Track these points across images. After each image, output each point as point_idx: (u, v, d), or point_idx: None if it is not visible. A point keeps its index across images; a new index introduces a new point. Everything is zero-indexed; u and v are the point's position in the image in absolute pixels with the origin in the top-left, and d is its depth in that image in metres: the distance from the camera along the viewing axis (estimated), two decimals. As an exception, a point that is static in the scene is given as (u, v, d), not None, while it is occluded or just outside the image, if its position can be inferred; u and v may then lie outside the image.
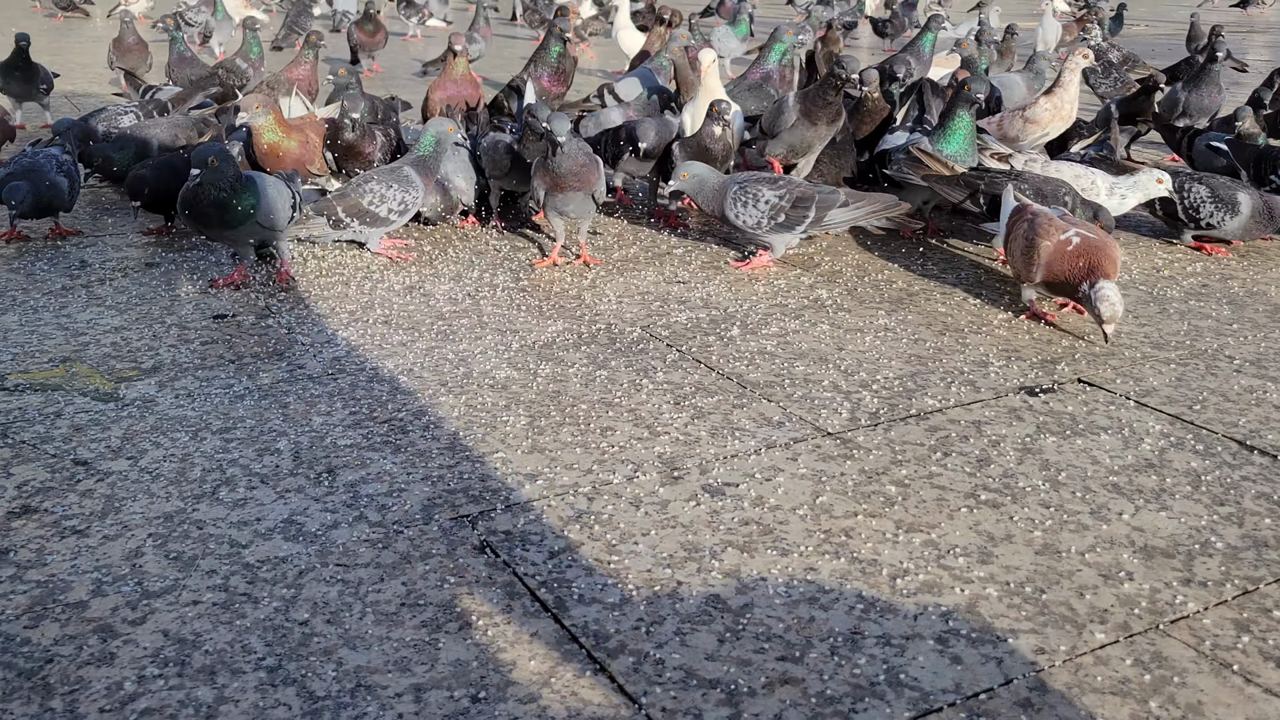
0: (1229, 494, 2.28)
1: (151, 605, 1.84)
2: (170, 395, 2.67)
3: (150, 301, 3.34)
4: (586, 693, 1.66)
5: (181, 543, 2.03)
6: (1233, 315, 3.37)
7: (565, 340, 3.08)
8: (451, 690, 1.65)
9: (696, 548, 2.05)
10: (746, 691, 1.66)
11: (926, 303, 3.44)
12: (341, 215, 3.72)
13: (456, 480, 2.28)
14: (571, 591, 1.90)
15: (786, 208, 3.61)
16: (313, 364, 2.88)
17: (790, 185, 3.69)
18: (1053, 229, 3.20)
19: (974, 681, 1.69)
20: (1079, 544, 2.08)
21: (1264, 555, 2.05)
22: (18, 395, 2.66)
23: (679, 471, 2.34)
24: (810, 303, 3.42)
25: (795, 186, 3.69)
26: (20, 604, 1.84)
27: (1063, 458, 2.43)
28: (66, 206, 3.94)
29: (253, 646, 1.74)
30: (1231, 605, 1.90)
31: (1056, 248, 3.15)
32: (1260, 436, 2.54)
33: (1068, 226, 3.21)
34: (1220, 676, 1.72)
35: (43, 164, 3.86)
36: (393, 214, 3.77)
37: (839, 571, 1.98)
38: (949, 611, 1.87)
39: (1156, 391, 2.80)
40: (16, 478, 2.27)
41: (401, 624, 1.81)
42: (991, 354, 3.02)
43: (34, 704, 1.61)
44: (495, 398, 2.69)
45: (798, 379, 2.83)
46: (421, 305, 3.35)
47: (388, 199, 3.74)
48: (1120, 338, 3.16)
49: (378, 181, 3.77)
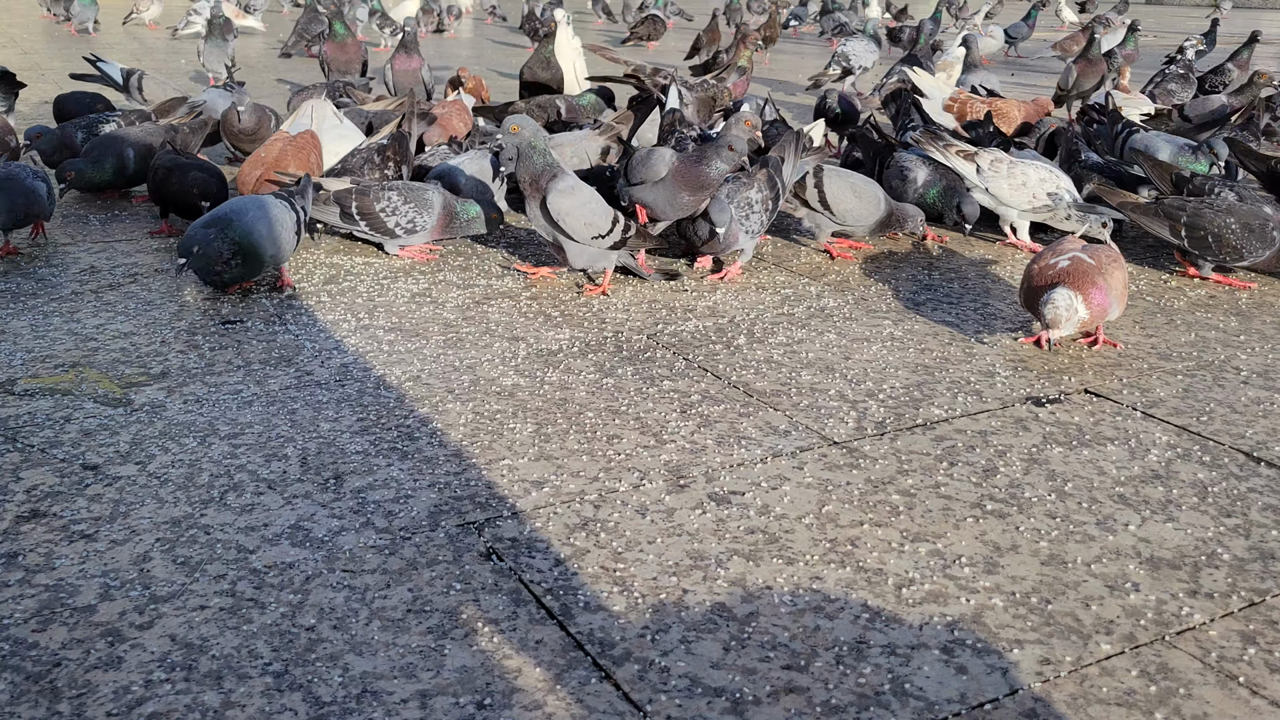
0: (1236, 505, 2.28)
1: (159, 610, 1.85)
2: (179, 401, 2.68)
3: (159, 307, 3.35)
4: (591, 700, 1.66)
5: (189, 547, 2.04)
6: (1240, 326, 3.37)
7: (572, 348, 3.08)
8: (457, 697, 1.66)
9: (702, 556, 2.05)
10: (752, 700, 1.66)
11: (933, 312, 3.44)
12: (354, 211, 3.75)
13: (463, 487, 2.29)
14: (577, 599, 1.91)
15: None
16: (321, 370, 2.88)
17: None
18: (1048, 253, 3.12)
19: (979, 692, 1.69)
20: (1085, 555, 2.08)
21: (1270, 567, 2.05)
22: (27, 400, 2.67)
23: (685, 480, 2.34)
24: (817, 312, 3.43)
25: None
26: (29, 608, 1.85)
27: (1069, 468, 2.43)
28: (46, 214, 3.88)
29: (259, 651, 1.75)
30: (1238, 617, 1.90)
31: (1040, 270, 3.06)
32: (1268, 448, 2.54)
33: (1068, 250, 3.10)
34: (1226, 688, 1.72)
35: (16, 172, 3.77)
36: (399, 229, 3.79)
37: (844, 581, 1.98)
38: (954, 621, 1.87)
39: (1163, 402, 2.79)
40: (26, 482, 2.28)
41: (407, 630, 1.81)
42: (998, 364, 3.02)
43: (42, 707, 1.62)
44: (502, 405, 2.70)
45: (804, 388, 2.84)
46: (429, 312, 3.36)
47: (399, 212, 3.77)
48: (1127, 348, 3.15)
49: (399, 192, 3.79)
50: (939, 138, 4.24)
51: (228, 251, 3.27)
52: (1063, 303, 2.92)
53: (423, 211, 3.79)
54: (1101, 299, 2.98)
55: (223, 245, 3.27)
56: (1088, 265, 3.01)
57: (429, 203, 3.81)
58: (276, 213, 3.43)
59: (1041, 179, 4.04)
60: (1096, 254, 3.08)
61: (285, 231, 3.44)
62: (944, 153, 4.14)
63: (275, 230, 3.40)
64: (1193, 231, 3.70)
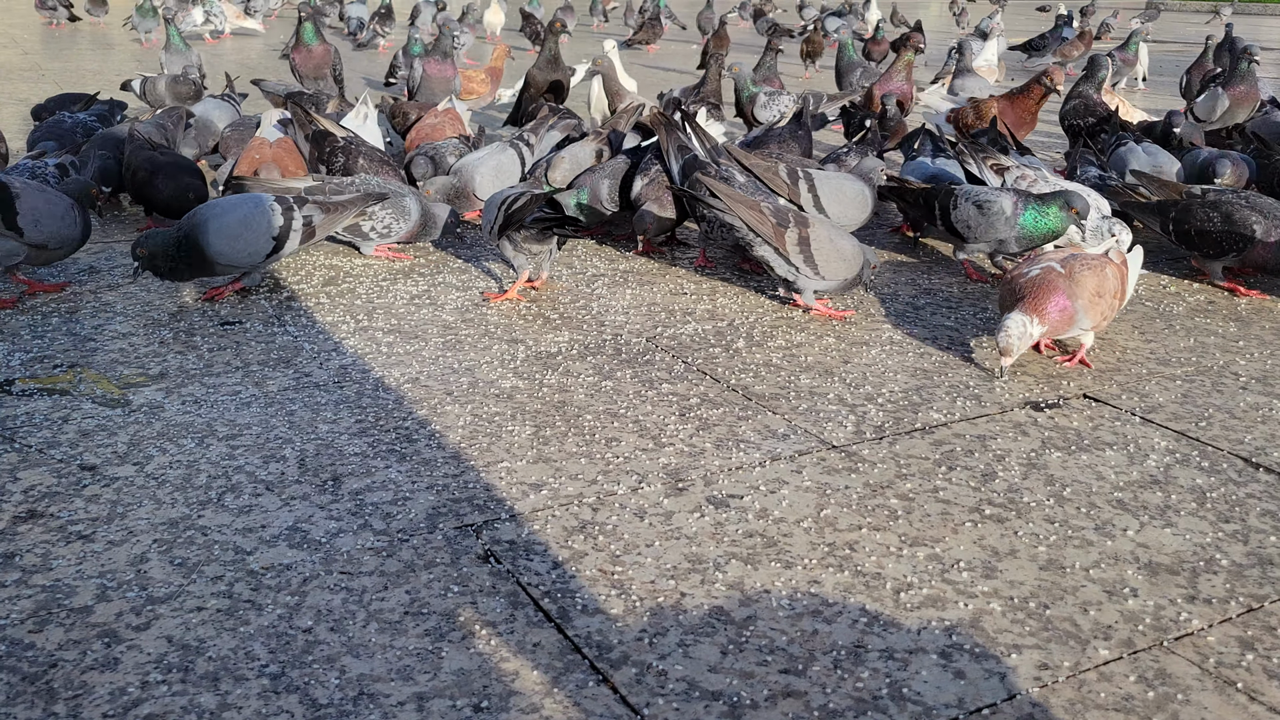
0: (1234, 511, 2.28)
1: (156, 611, 1.85)
2: (177, 401, 2.68)
3: (158, 308, 3.35)
4: (589, 703, 1.66)
5: (186, 549, 2.04)
6: (1239, 332, 3.37)
7: (571, 350, 3.08)
8: (454, 700, 1.66)
9: (700, 559, 2.05)
10: (749, 704, 1.66)
11: (933, 316, 3.44)
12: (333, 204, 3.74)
13: (461, 489, 2.29)
14: (575, 602, 1.90)
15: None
16: (319, 372, 2.88)
17: None
18: (1025, 263, 3.05)
19: (977, 696, 1.69)
20: (1083, 560, 2.08)
21: (1269, 573, 2.05)
22: (25, 400, 2.67)
23: (683, 483, 2.34)
24: (816, 315, 3.43)
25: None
26: (25, 608, 1.85)
27: (1067, 473, 2.43)
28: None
29: (256, 653, 1.75)
30: (1236, 623, 1.89)
31: (1010, 279, 3.02)
32: (1266, 454, 2.54)
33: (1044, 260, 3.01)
34: (1224, 694, 1.71)
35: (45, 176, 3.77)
36: (374, 233, 3.84)
37: (843, 585, 1.98)
38: (952, 626, 1.86)
39: (1162, 408, 2.79)
40: (23, 482, 2.27)
41: (405, 632, 1.81)
42: (997, 368, 3.02)
43: (38, 708, 1.62)
44: (501, 407, 2.69)
45: (803, 392, 2.83)
46: (428, 314, 3.35)
47: (375, 216, 3.81)
48: (1126, 353, 3.15)
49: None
50: (981, 149, 4.18)
51: (174, 245, 3.22)
52: (1015, 330, 2.86)
53: (399, 217, 3.85)
54: (1064, 304, 2.89)
55: (168, 240, 3.22)
56: (1055, 275, 2.93)
57: (406, 210, 3.87)
58: (248, 214, 3.35)
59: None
60: (1071, 263, 2.99)
61: (251, 235, 3.33)
62: (981, 164, 4.09)
63: (241, 233, 3.31)
64: (1179, 226, 3.75)
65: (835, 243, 3.36)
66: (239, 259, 3.34)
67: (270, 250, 3.38)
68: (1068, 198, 3.51)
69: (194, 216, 3.30)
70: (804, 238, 3.31)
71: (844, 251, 3.36)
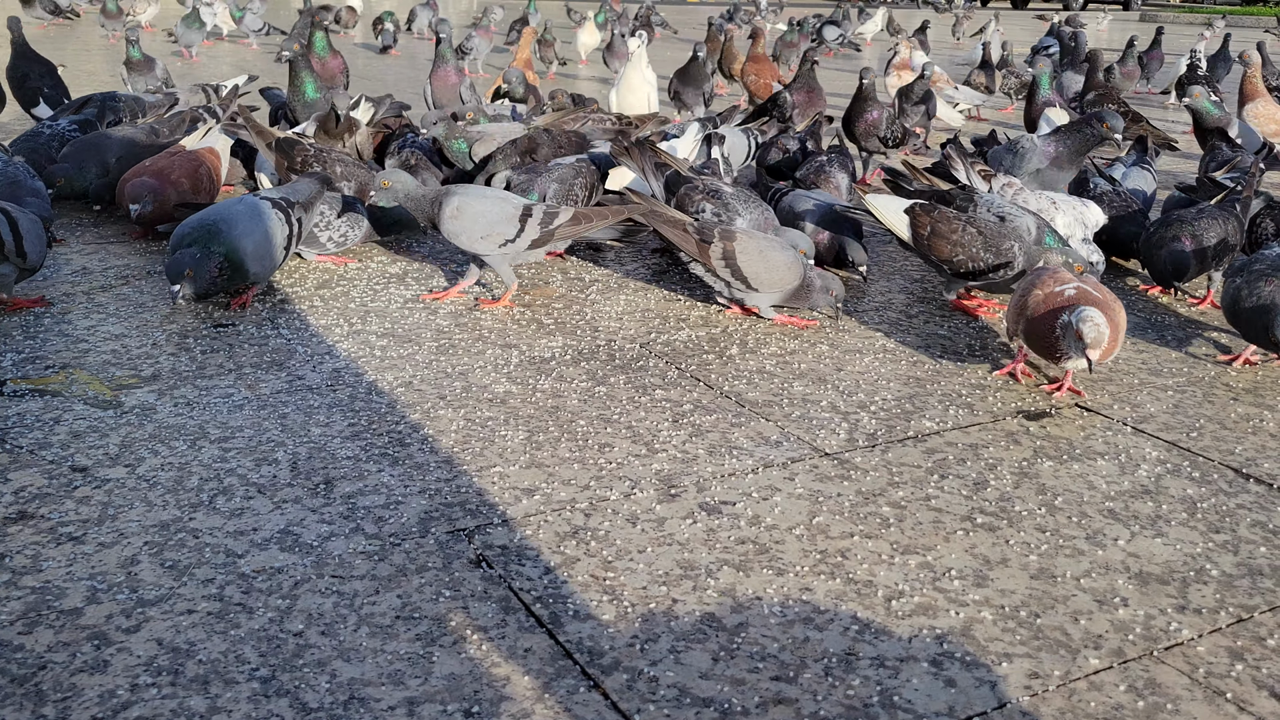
0: (1224, 521, 2.29)
1: (146, 613, 1.84)
2: (169, 403, 2.67)
3: (151, 309, 3.34)
4: (579, 709, 1.66)
5: (177, 551, 2.03)
6: (1231, 343, 3.38)
7: (565, 356, 3.08)
8: (444, 704, 1.65)
9: (692, 566, 2.05)
10: (740, 711, 1.66)
11: (926, 325, 3.45)
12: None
13: (454, 494, 2.28)
14: (566, 607, 1.90)
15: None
16: (312, 375, 2.88)
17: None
18: (1050, 280, 2.89)
19: (968, 705, 1.69)
20: (1074, 569, 2.08)
21: (1259, 583, 2.05)
22: (17, 401, 2.66)
23: (676, 489, 2.34)
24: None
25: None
26: (14, 610, 1.84)
27: (1059, 482, 2.44)
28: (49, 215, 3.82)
29: (246, 657, 1.74)
30: (1226, 633, 1.90)
31: (1047, 298, 2.84)
32: (1256, 465, 2.55)
33: (1070, 280, 2.89)
34: (1214, 704, 1.72)
35: (16, 175, 3.73)
36: (330, 242, 3.87)
37: (834, 592, 1.98)
38: (944, 634, 1.87)
39: (1154, 418, 2.80)
40: (14, 483, 2.27)
41: (396, 637, 1.80)
42: (990, 377, 3.03)
43: (26, 711, 1.61)
44: (494, 412, 2.69)
45: (796, 399, 2.84)
46: (422, 318, 3.35)
47: (332, 226, 3.84)
48: (1118, 364, 3.16)
49: (331, 207, 3.85)
50: (967, 154, 4.13)
51: (216, 269, 3.18)
52: (1100, 319, 2.65)
53: (354, 225, 3.90)
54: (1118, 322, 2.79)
55: (210, 263, 3.17)
56: (1094, 296, 2.81)
57: (359, 219, 3.92)
58: (268, 224, 3.35)
59: (1040, 208, 3.95)
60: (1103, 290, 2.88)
61: (272, 249, 3.36)
62: (970, 170, 4.06)
63: (265, 249, 3.33)
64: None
65: (766, 255, 3.31)
66: (266, 273, 3.42)
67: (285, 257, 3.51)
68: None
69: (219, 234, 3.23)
70: (729, 251, 3.29)
71: (774, 262, 3.31)
